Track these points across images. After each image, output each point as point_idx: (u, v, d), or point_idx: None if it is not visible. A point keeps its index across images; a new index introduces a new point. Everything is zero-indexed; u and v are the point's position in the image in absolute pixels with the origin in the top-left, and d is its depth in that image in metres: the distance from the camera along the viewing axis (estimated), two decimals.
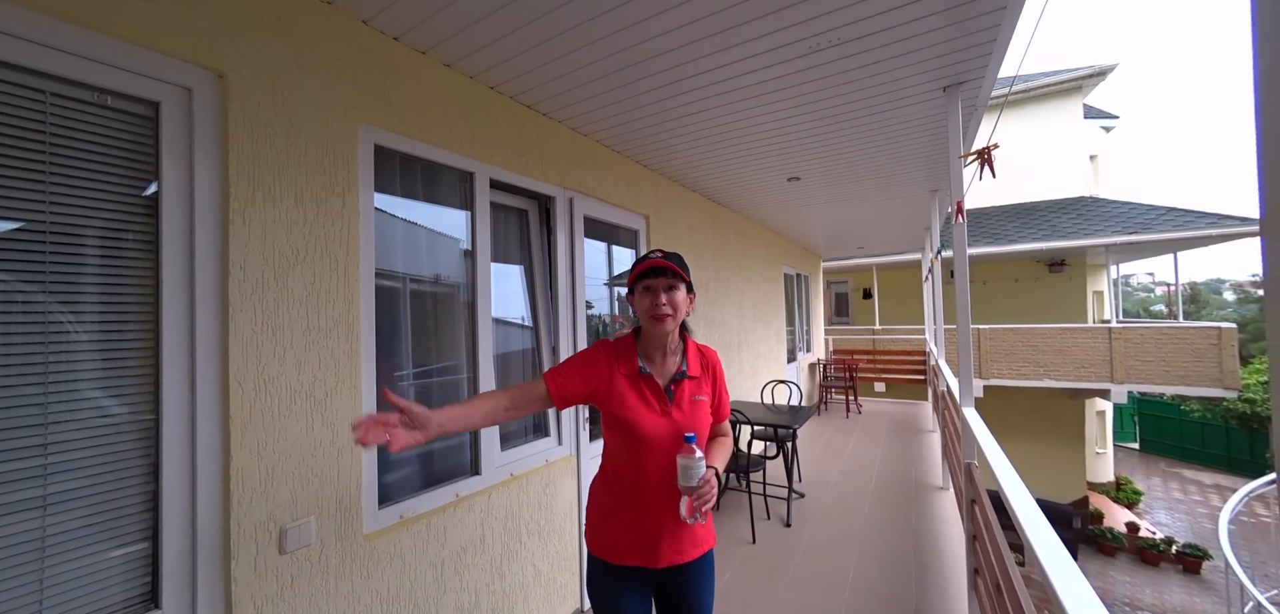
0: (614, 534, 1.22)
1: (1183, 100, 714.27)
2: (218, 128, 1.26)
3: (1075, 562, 3.14)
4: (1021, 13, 1.69)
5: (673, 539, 1.20)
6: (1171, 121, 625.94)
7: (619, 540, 1.21)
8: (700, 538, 1.25)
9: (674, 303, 1.19)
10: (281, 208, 1.37)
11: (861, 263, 11.00)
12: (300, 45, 1.44)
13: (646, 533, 1.19)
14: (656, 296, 1.18)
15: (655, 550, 1.19)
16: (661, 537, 1.19)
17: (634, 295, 1.23)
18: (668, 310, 1.18)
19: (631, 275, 1.22)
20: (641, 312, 1.21)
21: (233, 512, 1.23)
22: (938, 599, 2.55)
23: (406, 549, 1.66)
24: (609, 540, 1.22)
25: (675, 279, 1.19)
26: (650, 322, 1.19)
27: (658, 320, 1.18)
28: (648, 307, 1.19)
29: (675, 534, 1.20)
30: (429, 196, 1.94)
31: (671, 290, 1.19)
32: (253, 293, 1.30)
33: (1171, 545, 9.09)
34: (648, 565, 1.20)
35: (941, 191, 4.13)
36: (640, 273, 1.19)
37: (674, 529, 1.19)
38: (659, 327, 1.19)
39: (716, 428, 1.33)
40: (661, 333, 1.21)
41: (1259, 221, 0.31)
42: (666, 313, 1.18)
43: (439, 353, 1.98)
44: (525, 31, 1.69)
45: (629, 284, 1.23)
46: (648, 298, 1.19)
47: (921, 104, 2.38)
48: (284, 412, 1.35)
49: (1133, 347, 8.02)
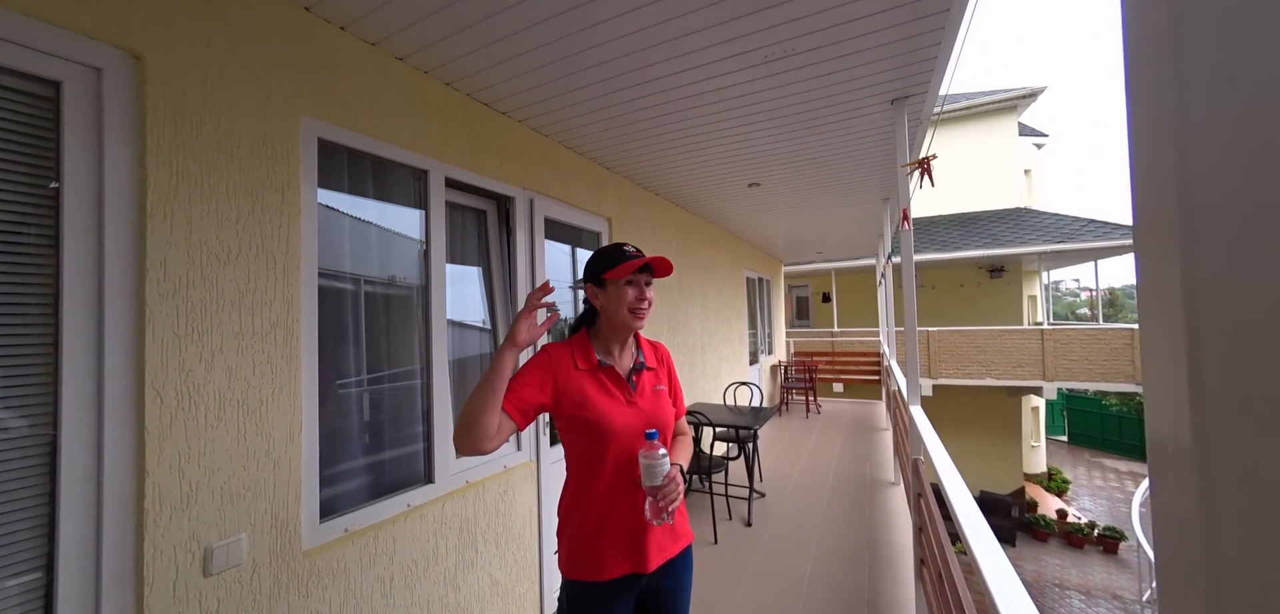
0: (596, 549, 1.12)
1: (1104, 121, 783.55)
2: (133, 114, 1.16)
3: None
4: (960, 32, 1.81)
5: (658, 538, 1.15)
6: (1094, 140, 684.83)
7: (604, 554, 1.11)
8: (681, 532, 1.22)
9: (651, 300, 1.20)
10: (210, 202, 1.28)
11: (821, 267, 11.42)
12: (232, 30, 1.34)
13: (632, 536, 1.12)
14: (643, 291, 1.18)
15: (644, 553, 1.12)
16: (646, 537, 1.12)
17: (605, 287, 1.18)
18: (649, 306, 1.19)
19: (616, 268, 1.15)
20: (620, 303, 1.17)
21: (148, 533, 1.12)
22: (888, 589, 2.67)
23: (351, 565, 1.58)
24: (591, 557, 1.12)
25: (652, 276, 1.21)
26: (630, 315, 1.17)
27: (639, 315, 1.18)
28: (632, 299, 1.17)
29: (659, 532, 1.15)
30: (380, 195, 1.86)
31: (649, 286, 1.20)
32: (175, 293, 1.20)
33: (1094, 529, 9.93)
34: (638, 571, 1.12)
35: (892, 200, 4.35)
36: (635, 268, 1.16)
37: (658, 528, 1.14)
38: (638, 321, 1.19)
39: (676, 425, 1.32)
40: (637, 327, 1.20)
41: (1131, 233, 0.34)
42: (648, 308, 1.19)
43: (391, 357, 1.89)
44: (478, 29, 1.65)
45: (602, 276, 1.18)
46: (632, 291, 1.17)
47: (872, 116, 2.49)
48: (212, 422, 1.25)
49: (1061, 346, 8.72)
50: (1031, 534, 10.22)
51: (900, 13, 1.64)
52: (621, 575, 1.12)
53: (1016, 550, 9.62)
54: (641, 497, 1.10)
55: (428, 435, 1.94)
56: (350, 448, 1.72)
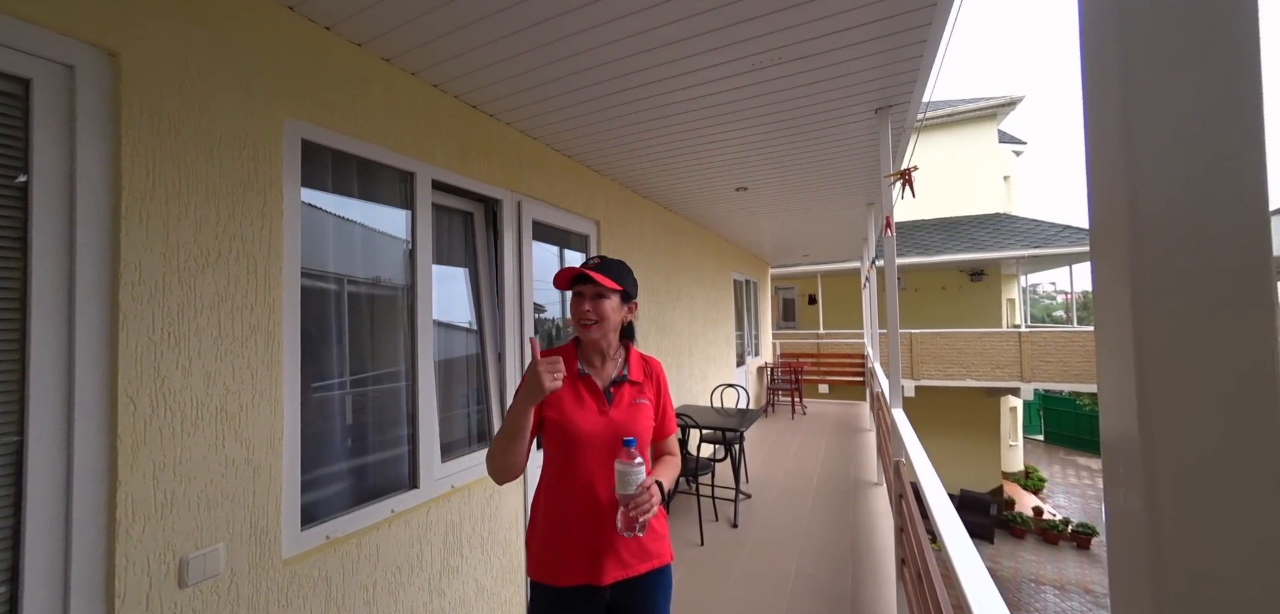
0: (554, 553, 1.13)
1: (1080, 130, 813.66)
2: (108, 112, 1.13)
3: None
4: (941, 44, 1.85)
5: (617, 553, 1.12)
6: (1070, 148, 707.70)
7: (560, 559, 1.12)
8: (651, 551, 1.17)
9: (599, 312, 1.17)
10: (189, 204, 1.25)
11: (807, 270, 11.57)
12: (214, 28, 1.32)
13: (588, 546, 1.11)
14: (582, 304, 1.19)
15: (599, 565, 1.10)
16: (605, 550, 1.11)
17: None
18: (592, 317, 1.17)
19: (557, 277, 1.21)
20: (572, 317, 1.22)
21: (119, 543, 1.09)
22: (870, 588, 2.72)
23: (333, 572, 1.55)
24: (549, 561, 1.13)
25: (603, 289, 1.17)
26: (576, 322, 1.20)
27: (583, 328, 1.19)
28: (573, 313, 1.21)
29: (620, 548, 1.13)
30: (365, 196, 1.83)
31: (599, 299, 1.18)
32: (151, 297, 1.17)
33: (1068, 525, 10.22)
34: (592, 582, 1.11)
35: (876, 205, 4.43)
36: (568, 278, 1.19)
37: (620, 542, 1.12)
38: (585, 334, 1.20)
39: (663, 445, 1.31)
40: (589, 340, 1.21)
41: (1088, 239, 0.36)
42: (590, 320, 1.17)
43: (375, 358, 1.87)
44: (468, 32, 1.64)
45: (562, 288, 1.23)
46: (574, 304, 1.21)
47: (857, 123, 2.54)
48: (189, 428, 1.23)
49: (1038, 349, 8.97)
50: (1009, 531, 10.48)
51: (884, 25, 1.68)
52: (577, 584, 1.12)
53: (995, 548, 9.86)
54: (613, 507, 1.09)
55: (412, 438, 1.92)
56: (333, 453, 1.69)
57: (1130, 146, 0.31)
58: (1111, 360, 0.34)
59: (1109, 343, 0.34)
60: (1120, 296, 0.32)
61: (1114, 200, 0.33)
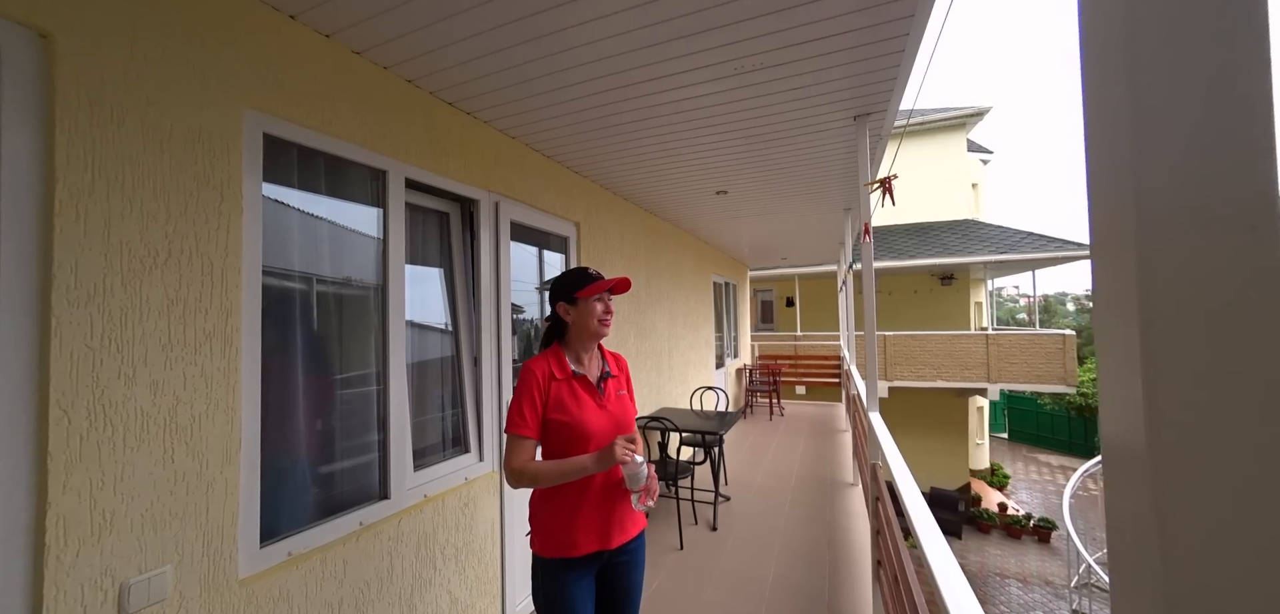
0: (571, 531, 1.35)
1: (1044, 140, 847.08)
2: (40, 100, 1.03)
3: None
4: (918, 54, 1.89)
5: (621, 522, 1.41)
6: (1034, 158, 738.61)
7: (577, 534, 1.36)
8: (637, 518, 1.47)
9: (613, 312, 1.46)
10: (134, 200, 1.16)
11: (785, 272, 11.74)
12: (163, 12, 1.23)
13: (602, 519, 1.37)
14: (609, 306, 1.44)
15: (609, 532, 1.38)
16: (612, 520, 1.39)
17: (577, 304, 1.42)
18: (611, 317, 1.45)
19: (587, 288, 1.40)
20: (591, 317, 1.41)
21: (49, 571, 1.00)
22: (847, 590, 2.76)
23: (295, 591, 1.47)
24: (566, 538, 1.36)
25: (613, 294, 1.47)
26: (599, 326, 1.42)
27: (606, 325, 1.43)
28: (600, 313, 1.42)
29: (622, 517, 1.41)
30: (335, 195, 1.75)
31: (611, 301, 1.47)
32: (89, 301, 1.08)
33: (1030, 520, 10.67)
34: (603, 548, 1.37)
35: (854, 210, 4.52)
36: (604, 288, 1.43)
37: (621, 513, 1.40)
38: (605, 330, 1.44)
39: None
40: (603, 337, 1.45)
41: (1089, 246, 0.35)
42: (611, 320, 1.44)
43: (345, 361, 1.78)
44: (441, 27, 1.58)
45: (575, 295, 1.41)
46: (600, 306, 1.43)
47: (835, 130, 2.57)
48: (133, 443, 1.14)
49: (1004, 351, 9.32)
50: (976, 527, 10.87)
51: (864, 34, 1.70)
52: (590, 552, 1.37)
53: (963, 543, 10.20)
54: (619, 484, 1.39)
55: (383, 446, 1.84)
56: (297, 463, 1.61)
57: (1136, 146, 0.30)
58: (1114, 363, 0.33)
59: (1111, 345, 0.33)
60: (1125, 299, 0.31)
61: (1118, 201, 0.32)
